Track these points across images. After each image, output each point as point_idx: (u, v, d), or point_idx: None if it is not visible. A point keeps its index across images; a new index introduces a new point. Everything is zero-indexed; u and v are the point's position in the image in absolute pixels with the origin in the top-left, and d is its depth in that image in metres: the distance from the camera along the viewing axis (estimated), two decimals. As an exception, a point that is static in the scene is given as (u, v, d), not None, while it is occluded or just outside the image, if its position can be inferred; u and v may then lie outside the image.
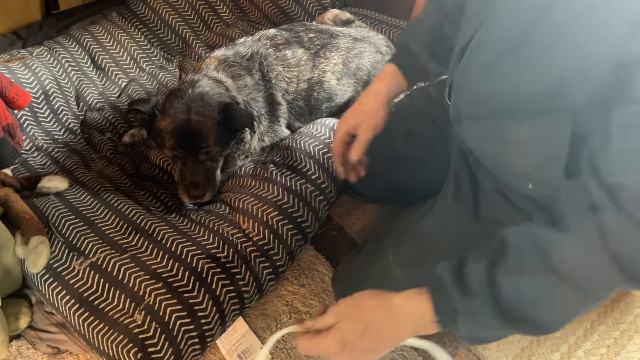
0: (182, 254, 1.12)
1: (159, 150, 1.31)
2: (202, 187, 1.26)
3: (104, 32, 1.74)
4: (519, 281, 0.69)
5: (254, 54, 1.36)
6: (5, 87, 1.07)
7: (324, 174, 1.31)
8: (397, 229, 1.13)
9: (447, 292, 0.72)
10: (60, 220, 1.16)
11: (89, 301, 1.05)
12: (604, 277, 0.66)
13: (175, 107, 1.22)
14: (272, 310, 1.25)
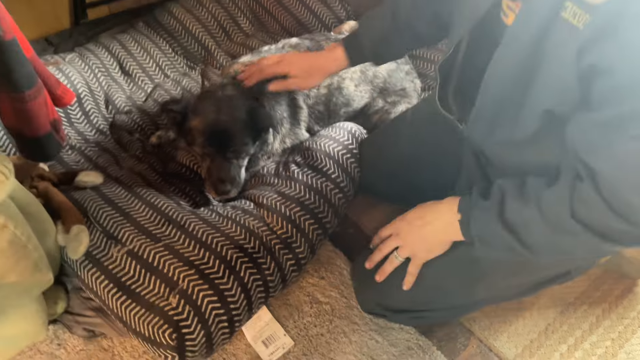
0: (212, 243, 1.20)
1: (189, 147, 1.39)
2: (229, 184, 1.33)
3: (131, 40, 1.84)
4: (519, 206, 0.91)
5: None
6: (53, 85, 1.15)
7: (343, 174, 1.39)
8: None
9: (471, 196, 0.99)
10: (98, 211, 1.24)
11: (126, 286, 1.12)
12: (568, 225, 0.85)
13: (205, 107, 1.30)
14: (294, 300, 1.32)
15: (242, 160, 1.36)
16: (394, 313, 1.23)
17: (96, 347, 1.20)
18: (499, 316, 1.34)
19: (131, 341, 1.21)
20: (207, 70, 1.87)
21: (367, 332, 1.27)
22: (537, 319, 1.35)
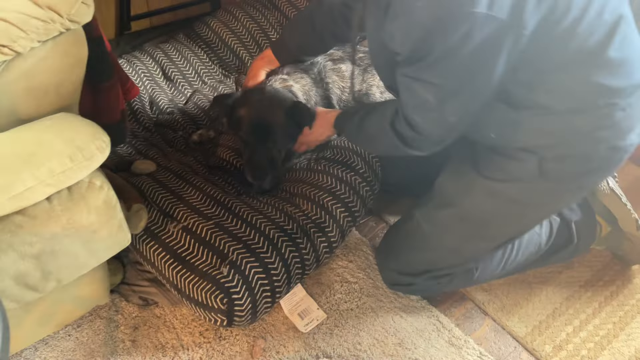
0: (256, 224, 1.34)
1: (234, 135, 1.53)
2: (265, 171, 1.45)
3: (173, 49, 2.01)
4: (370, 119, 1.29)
5: (314, 64, 1.61)
6: (123, 77, 1.32)
7: (370, 170, 1.54)
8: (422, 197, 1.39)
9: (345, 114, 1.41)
10: (154, 193, 1.39)
11: (182, 257, 1.26)
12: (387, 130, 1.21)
13: (252, 99, 1.45)
14: (325, 280, 1.45)
15: (280, 153, 1.50)
16: (414, 277, 1.37)
17: (149, 314, 1.33)
18: (511, 300, 1.47)
19: (181, 310, 1.34)
20: (240, 78, 2.03)
21: (392, 309, 1.41)
22: (546, 303, 1.48)
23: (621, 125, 1.10)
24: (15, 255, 0.88)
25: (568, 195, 1.24)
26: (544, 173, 1.15)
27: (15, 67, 0.92)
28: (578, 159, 1.14)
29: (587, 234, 1.40)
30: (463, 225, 1.27)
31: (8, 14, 0.85)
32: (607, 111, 1.07)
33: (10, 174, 0.82)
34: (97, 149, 0.91)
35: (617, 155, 1.15)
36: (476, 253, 1.33)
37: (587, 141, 1.11)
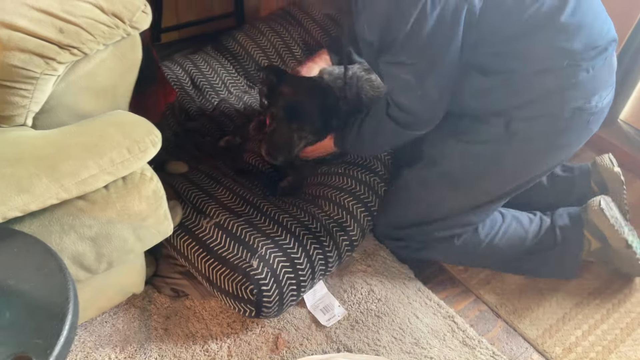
0: (283, 221, 1.42)
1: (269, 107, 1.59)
2: (279, 150, 1.52)
3: (201, 60, 2.12)
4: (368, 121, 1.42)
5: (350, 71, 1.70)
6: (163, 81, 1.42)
7: (386, 170, 1.63)
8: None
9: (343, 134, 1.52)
10: (187, 191, 1.48)
11: (214, 250, 1.34)
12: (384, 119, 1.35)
13: (299, 82, 1.53)
14: (346, 281, 1.53)
15: (301, 140, 1.55)
16: (402, 230, 1.53)
17: (180, 305, 1.41)
18: (523, 304, 1.54)
19: (209, 302, 1.42)
20: (264, 89, 2.13)
21: (409, 311, 1.47)
22: (556, 308, 1.55)
23: (586, 87, 1.22)
24: (75, 236, 0.97)
25: (540, 157, 1.36)
26: (512, 134, 1.28)
27: (80, 68, 1.01)
28: (544, 119, 1.26)
29: (573, 243, 1.52)
30: (444, 180, 1.44)
31: (79, 19, 0.95)
32: (571, 71, 1.19)
33: (77, 161, 0.91)
34: (151, 143, 1.00)
35: (582, 117, 1.26)
36: (459, 207, 1.45)
37: (552, 100, 1.24)
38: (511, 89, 1.24)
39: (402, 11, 1.11)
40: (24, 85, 0.93)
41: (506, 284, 1.58)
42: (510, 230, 1.53)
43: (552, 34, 1.16)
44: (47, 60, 0.93)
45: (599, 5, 1.24)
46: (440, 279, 1.59)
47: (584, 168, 1.66)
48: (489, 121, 1.31)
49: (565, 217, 1.57)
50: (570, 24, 1.16)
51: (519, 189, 1.43)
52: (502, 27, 1.17)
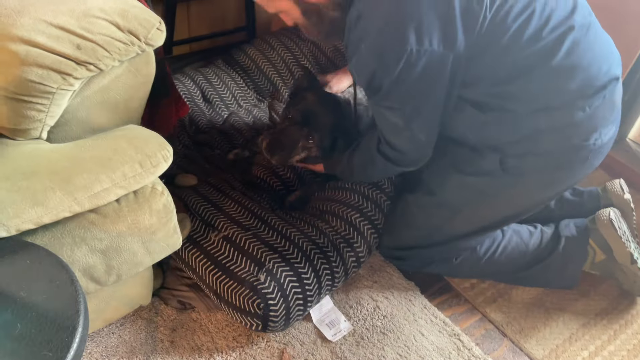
0: (291, 236, 1.43)
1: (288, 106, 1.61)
2: (280, 149, 1.52)
3: (212, 73, 2.15)
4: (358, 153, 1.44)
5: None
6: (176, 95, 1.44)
7: (392, 187, 1.63)
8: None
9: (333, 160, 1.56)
10: (196, 204, 1.49)
11: (222, 264, 1.35)
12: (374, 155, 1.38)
13: (323, 94, 1.54)
14: (352, 297, 1.53)
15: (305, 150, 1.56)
16: (404, 251, 1.55)
17: (186, 318, 1.41)
18: (529, 323, 1.53)
19: (216, 315, 1.43)
20: (274, 103, 2.16)
21: (414, 328, 1.47)
22: (562, 328, 1.54)
23: (583, 125, 1.21)
24: (87, 249, 0.98)
25: (536, 191, 1.36)
26: (505, 169, 1.29)
27: (95, 83, 1.03)
28: (539, 156, 1.26)
29: (577, 251, 1.53)
30: (443, 209, 1.45)
31: (96, 36, 0.97)
32: (565, 111, 1.18)
33: (91, 175, 0.92)
34: (163, 158, 1.02)
35: (580, 154, 1.26)
36: (458, 232, 1.47)
37: (547, 139, 1.23)
38: (505, 126, 1.23)
39: (386, 62, 1.11)
40: (40, 100, 0.95)
41: (512, 302, 1.58)
42: (510, 245, 1.54)
43: (546, 75, 1.15)
44: (64, 75, 0.95)
45: (602, 43, 1.21)
46: (446, 297, 1.59)
47: (593, 193, 1.65)
48: (484, 155, 1.31)
49: (572, 227, 1.57)
50: (564, 66, 1.14)
51: (520, 217, 1.45)
52: (494, 70, 1.16)
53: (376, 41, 1.11)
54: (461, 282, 1.62)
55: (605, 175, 2.00)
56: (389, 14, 1.09)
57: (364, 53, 1.14)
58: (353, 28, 1.15)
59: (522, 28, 1.11)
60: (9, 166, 0.91)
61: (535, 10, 1.11)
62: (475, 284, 1.62)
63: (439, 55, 1.09)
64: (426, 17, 1.06)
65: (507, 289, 1.61)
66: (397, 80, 1.13)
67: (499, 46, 1.12)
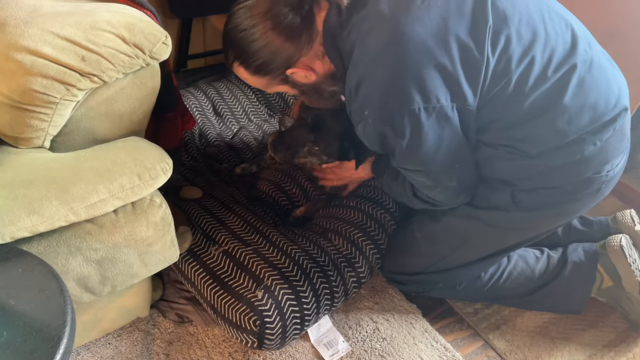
0: (291, 253, 1.42)
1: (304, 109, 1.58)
2: (284, 147, 1.52)
3: (224, 87, 2.16)
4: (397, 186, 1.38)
5: None
6: (184, 110, 1.45)
7: (398, 208, 1.62)
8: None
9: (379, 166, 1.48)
10: (199, 217, 1.49)
11: (220, 278, 1.35)
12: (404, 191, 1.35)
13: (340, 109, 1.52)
14: (352, 317, 1.51)
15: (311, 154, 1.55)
16: (407, 276, 1.51)
17: (184, 331, 1.41)
18: (533, 352, 1.49)
19: (213, 330, 1.42)
20: (284, 119, 2.16)
21: (413, 352, 1.44)
22: (568, 359, 1.49)
23: (594, 159, 1.18)
24: (82, 259, 0.98)
25: (547, 222, 1.33)
26: (517, 202, 1.26)
27: (99, 95, 1.05)
28: (550, 191, 1.23)
29: (585, 276, 1.49)
30: (447, 238, 1.41)
31: (101, 48, 0.98)
32: (576, 147, 1.15)
33: (88, 185, 0.93)
34: (162, 170, 1.02)
35: (593, 186, 1.23)
36: (462, 261, 1.43)
37: (559, 175, 1.20)
38: (517, 163, 1.20)
39: (395, 128, 1.08)
40: (43, 110, 0.96)
41: (517, 330, 1.54)
42: (516, 270, 1.51)
43: (554, 117, 1.11)
44: (67, 86, 0.96)
45: (607, 76, 1.16)
46: (448, 321, 1.56)
47: (603, 223, 1.61)
48: (495, 188, 1.28)
49: (580, 251, 1.54)
50: (572, 106, 1.11)
51: (527, 244, 1.41)
52: (503, 116, 1.13)
53: (381, 106, 1.08)
54: (464, 307, 1.59)
55: (617, 201, 1.95)
56: (390, 77, 1.05)
57: (369, 120, 1.11)
58: (354, 96, 1.12)
59: (527, 71, 1.08)
60: (8, 174, 0.92)
61: (536, 53, 1.08)
62: (479, 309, 1.59)
63: (449, 110, 1.06)
64: (428, 74, 1.03)
65: (511, 316, 1.57)
66: (410, 143, 1.10)
67: (506, 92, 1.09)
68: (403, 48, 1.03)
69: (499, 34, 1.05)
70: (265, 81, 1.23)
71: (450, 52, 1.03)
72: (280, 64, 1.17)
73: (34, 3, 1.02)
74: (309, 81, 1.24)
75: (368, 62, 1.07)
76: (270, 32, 1.12)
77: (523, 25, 1.08)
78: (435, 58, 1.02)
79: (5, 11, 0.98)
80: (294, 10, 1.11)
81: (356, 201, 1.62)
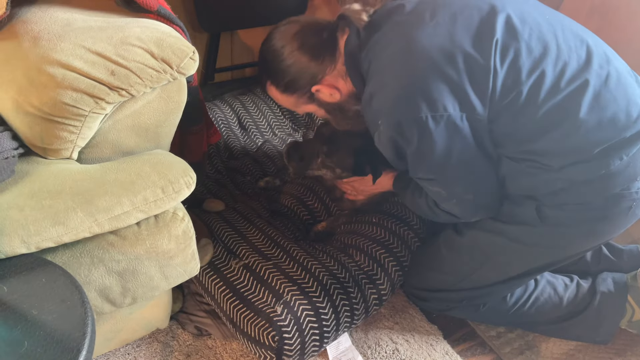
0: (311, 268, 1.41)
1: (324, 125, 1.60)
2: (298, 157, 1.53)
3: (250, 101, 2.18)
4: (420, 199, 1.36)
5: None
6: (209, 123, 1.46)
7: (422, 224, 1.60)
8: None
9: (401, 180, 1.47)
10: (220, 230, 1.50)
11: (240, 292, 1.35)
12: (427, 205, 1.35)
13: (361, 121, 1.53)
14: (372, 336, 1.49)
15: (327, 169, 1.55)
16: (429, 292, 1.50)
17: (202, 344, 1.41)
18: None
19: (231, 344, 1.41)
20: (308, 133, 2.17)
21: (434, 372, 1.42)
22: (595, 388, 1.44)
23: (621, 174, 1.14)
24: (104, 269, 0.99)
25: (576, 240, 1.29)
26: (543, 218, 1.23)
27: (127, 108, 1.06)
28: (576, 206, 1.20)
29: (614, 307, 1.44)
30: (472, 254, 1.39)
31: (130, 63, 1.00)
32: (600, 162, 1.12)
33: (113, 197, 0.94)
34: (185, 184, 1.03)
35: (622, 204, 1.18)
36: (486, 281, 1.40)
37: (584, 190, 1.17)
38: (540, 178, 1.18)
39: (405, 136, 1.13)
40: (72, 122, 0.98)
41: (542, 356, 1.50)
42: (543, 297, 1.46)
43: (569, 131, 1.10)
44: (96, 100, 0.98)
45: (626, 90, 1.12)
46: (470, 344, 1.52)
47: (633, 252, 1.56)
48: (520, 203, 1.26)
49: (610, 282, 1.48)
50: (588, 121, 1.09)
51: (554, 267, 1.37)
52: (517, 130, 1.13)
53: (391, 114, 1.13)
54: (487, 330, 1.55)
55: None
56: (397, 88, 1.12)
57: (382, 129, 1.16)
58: (368, 108, 1.19)
59: (538, 83, 1.08)
60: (36, 184, 0.94)
61: (547, 66, 1.08)
62: (502, 333, 1.55)
63: (457, 119, 1.09)
64: (433, 84, 1.07)
65: (536, 341, 1.53)
66: (419, 150, 1.14)
67: (518, 104, 1.10)
68: (411, 60, 1.10)
69: (507, 47, 1.09)
70: (294, 100, 1.33)
71: (456, 63, 1.07)
72: (306, 82, 1.27)
73: (67, 17, 1.05)
74: (334, 100, 1.31)
75: (380, 74, 1.16)
76: (297, 52, 1.24)
77: (534, 40, 1.10)
78: (441, 69, 1.07)
79: (39, 25, 1.01)
80: (318, 33, 1.25)
81: (379, 217, 1.61)
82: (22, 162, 1.01)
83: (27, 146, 1.04)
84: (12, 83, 0.97)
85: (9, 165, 0.95)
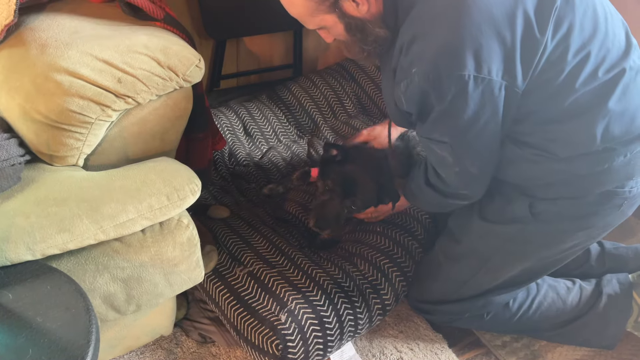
0: (315, 276, 1.41)
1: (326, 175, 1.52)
2: (328, 223, 1.46)
3: (255, 108, 2.19)
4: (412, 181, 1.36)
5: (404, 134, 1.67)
6: (214, 130, 1.47)
7: (426, 234, 1.59)
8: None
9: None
10: (225, 237, 1.50)
11: (244, 300, 1.34)
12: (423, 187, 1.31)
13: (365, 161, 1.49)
14: (376, 345, 1.48)
15: (351, 213, 1.53)
16: (431, 305, 1.48)
17: (206, 352, 1.40)
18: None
19: (235, 352, 1.41)
20: (313, 140, 2.17)
21: (439, 382, 1.41)
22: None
23: (619, 172, 1.13)
24: (109, 276, 0.99)
25: (567, 238, 1.27)
26: (535, 214, 1.22)
27: (133, 115, 1.07)
28: (568, 201, 1.19)
29: (620, 308, 1.43)
30: (468, 259, 1.38)
31: (137, 70, 1.00)
32: (606, 156, 1.11)
33: (118, 205, 0.94)
34: (190, 192, 1.03)
35: (613, 201, 1.18)
36: (487, 287, 1.39)
37: (580, 184, 1.16)
38: (539, 166, 1.16)
39: (439, 91, 1.04)
40: (79, 129, 0.99)
41: (548, 366, 1.49)
42: (546, 301, 1.45)
43: (593, 120, 1.08)
44: (103, 107, 0.99)
45: None
46: (475, 353, 1.51)
47: (638, 252, 1.55)
48: (513, 199, 1.25)
49: (615, 283, 1.48)
50: (614, 111, 1.07)
51: (551, 269, 1.37)
52: (544, 109, 1.10)
53: (430, 65, 1.03)
54: (493, 339, 1.54)
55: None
56: (447, 37, 1.01)
57: (415, 78, 1.05)
58: (405, 51, 1.07)
59: (581, 65, 1.05)
60: (42, 191, 0.94)
61: (592, 48, 1.05)
62: (508, 342, 1.54)
63: (497, 86, 1.02)
64: (487, 43, 0.99)
65: (542, 351, 1.52)
66: (448, 109, 1.06)
67: (555, 82, 1.06)
68: (468, 12, 0.99)
69: (563, 19, 1.02)
70: (314, 3, 1.09)
71: (514, 26, 1.00)
72: None
73: (74, 25, 1.06)
74: (359, 14, 1.12)
75: (428, 19, 1.05)
76: None
77: (587, 18, 1.05)
78: (499, 29, 0.99)
79: (47, 32, 1.02)
80: None
81: (383, 227, 1.60)
82: (28, 169, 1.02)
83: (33, 153, 1.04)
84: (20, 90, 0.98)
85: (16, 172, 0.96)
